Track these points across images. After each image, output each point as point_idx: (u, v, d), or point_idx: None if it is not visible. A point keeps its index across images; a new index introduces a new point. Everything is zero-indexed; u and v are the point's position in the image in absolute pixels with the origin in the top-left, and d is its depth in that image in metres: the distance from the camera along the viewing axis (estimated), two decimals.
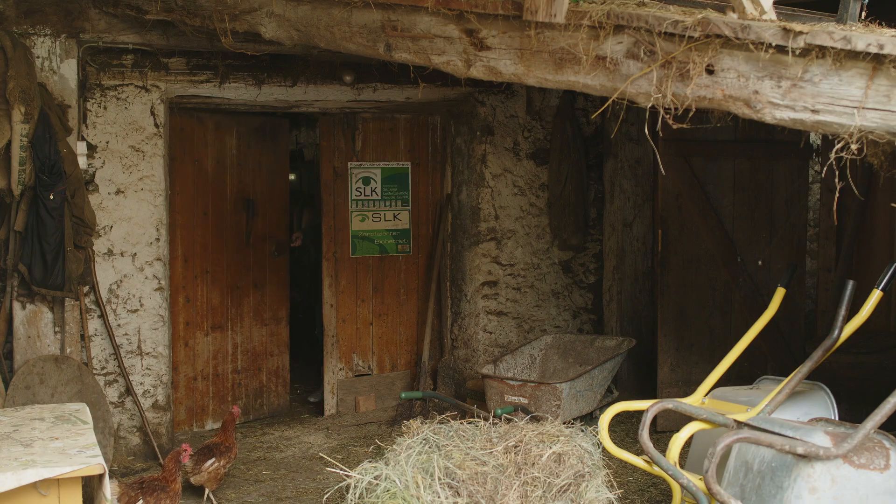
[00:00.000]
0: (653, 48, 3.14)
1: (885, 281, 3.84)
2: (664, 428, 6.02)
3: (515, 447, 3.50)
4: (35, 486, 3.15)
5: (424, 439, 3.65)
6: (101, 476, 3.30)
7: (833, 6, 3.62)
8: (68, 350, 5.41)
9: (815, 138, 7.70)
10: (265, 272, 6.96)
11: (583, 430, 3.76)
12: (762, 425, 3.43)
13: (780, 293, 4.49)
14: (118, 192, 5.74)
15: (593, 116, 6.99)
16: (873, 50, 2.62)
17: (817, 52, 2.74)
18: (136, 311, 5.79)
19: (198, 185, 6.50)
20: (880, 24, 2.95)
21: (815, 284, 7.91)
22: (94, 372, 5.61)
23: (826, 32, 2.69)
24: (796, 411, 4.05)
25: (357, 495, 3.36)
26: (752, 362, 6.17)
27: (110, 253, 5.73)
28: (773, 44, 2.80)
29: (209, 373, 6.61)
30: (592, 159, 7.16)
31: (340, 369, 7.01)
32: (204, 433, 6.47)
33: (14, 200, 5.14)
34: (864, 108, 2.72)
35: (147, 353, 5.83)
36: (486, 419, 3.87)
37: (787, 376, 4.05)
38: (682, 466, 3.99)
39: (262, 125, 6.83)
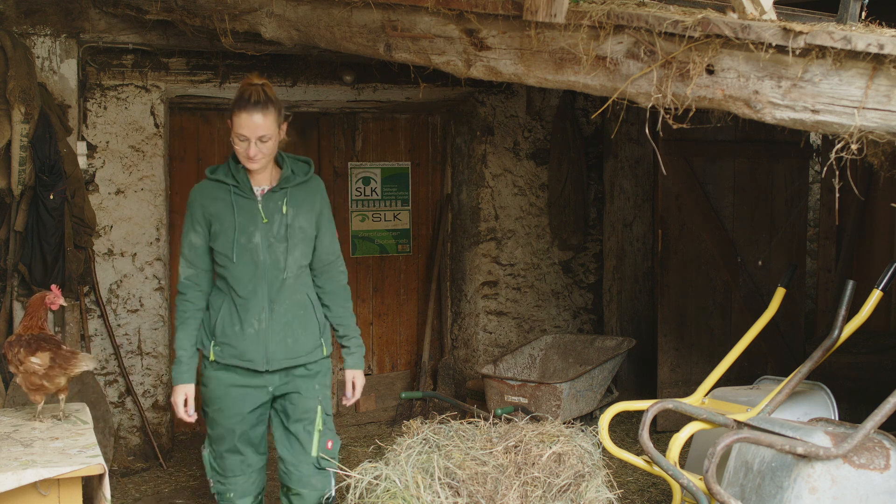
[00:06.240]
0: (653, 48, 3.13)
1: (885, 281, 3.84)
2: (664, 428, 6.01)
3: (515, 447, 3.50)
4: (35, 486, 3.14)
5: (424, 439, 3.64)
6: (100, 476, 3.29)
7: (833, 6, 3.62)
8: None
9: (815, 138, 7.70)
10: None
11: (583, 430, 3.75)
12: (762, 425, 3.42)
13: (780, 293, 4.48)
14: (118, 192, 5.74)
15: (593, 116, 6.99)
16: (873, 50, 2.62)
17: (817, 52, 2.73)
18: (136, 311, 5.79)
19: None
20: (880, 24, 2.94)
21: (815, 284, 7.91)
22: (94, 372, 5.61)
23: (826, 32, 2.68)
24: (796, 411, 4.05)
25: (357, 495, 3.35)
26: (752, 362, 6.17)
27: (110, 253, 5.73)
28: (773, 44, 2.79)
29: None
30: (592, 159, 7.16)
31: (340, 369, 7.00)
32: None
33: (14, 200, 5.14)
34: (864, 108, 2.71)
35: (147, 353, 5.83)
36: (486, 419, 3.87)
37: (787, 376, 4.05)
38: (682, 466, 3.99)
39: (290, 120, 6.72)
